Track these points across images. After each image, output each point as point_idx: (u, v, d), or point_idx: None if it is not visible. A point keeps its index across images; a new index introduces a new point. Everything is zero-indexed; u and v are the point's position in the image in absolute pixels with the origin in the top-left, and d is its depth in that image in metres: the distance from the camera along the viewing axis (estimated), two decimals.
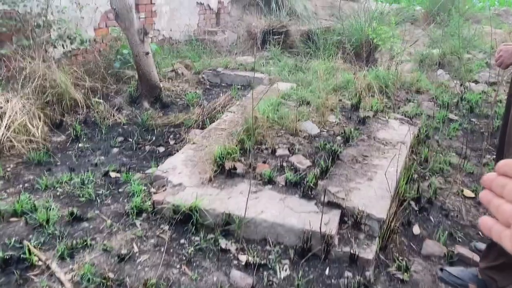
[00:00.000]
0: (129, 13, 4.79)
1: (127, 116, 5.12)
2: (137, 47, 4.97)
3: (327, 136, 4.20)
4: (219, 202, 2.98)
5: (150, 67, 5.14)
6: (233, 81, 6.74)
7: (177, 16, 8.54)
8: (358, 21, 8.49)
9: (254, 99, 5.19)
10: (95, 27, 6.71)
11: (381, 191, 3.23)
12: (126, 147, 4.50)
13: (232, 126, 4.30)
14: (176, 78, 6.55)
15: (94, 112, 5.07)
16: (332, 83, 6.28)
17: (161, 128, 4.85)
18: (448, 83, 7.17)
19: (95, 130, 4.79)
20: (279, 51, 8.05)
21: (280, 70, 7.21)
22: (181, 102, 5.59)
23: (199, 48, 8.42)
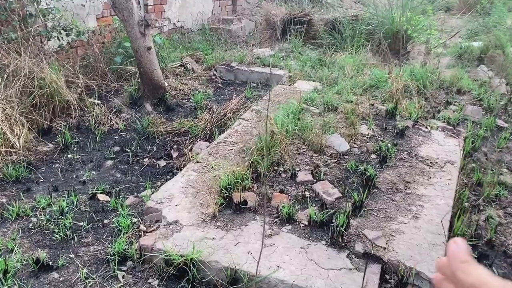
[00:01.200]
0: (128, 2, 4.12)
1: (126, 121, 4.48)
2: (137, 41, 4.31)
3: (359, 153, 3.48)
4: (223, 251, 2.31)
5: (152, 64, 4.47)
6: (249, 78, 6.03)
7: (190, 3, 7.83)
8: (389, 9, 7.62)
9: (272, 102, 4.49)
10: (98, 15, 6.06)
11: (432, 235, 2.52)
12: (122, 160, 3.87)
13: (244, 139, 3.62)
14: (184, 74, 5.87)
15: (89, 115, 4.44)
16: (361, 81, 5.52)
17: (163, 137, 4.19)
18: (491, 81, 6.31)
19: (88, 138, 4.17)
20: (301, 43, 7.27)
21: (302, 65, 6.45)
22: (188, 104, 4.92)
23: (213, 39, 7.71)
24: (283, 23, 7.67)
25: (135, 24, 4.22)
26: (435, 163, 3.39)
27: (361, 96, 5.19)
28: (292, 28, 7.54)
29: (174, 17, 7.54)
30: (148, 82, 4.57)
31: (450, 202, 2.89)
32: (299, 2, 9.45)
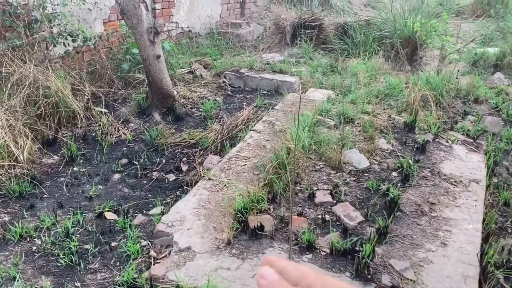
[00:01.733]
0: (137, 8, 3.96)
1: (134, 131, 4.33)
2: (146, 49, 4.15)
3: (379, 171, 3.30)
4: (239, 284, 2.15)
5: (161, 73, 4.32)
6: (258, 85, 5.86)
7: (198, 6, 7.67)
8: (402, 14, 7.44)
9: (284, 112, 4.33)
10: (105, 20, 5.92)
11: (463, 266, 2.35)
12: (130, 173, 3.72)
13: (257, 153, 3.45)
14: (193, 81, 5.72)
15: (95, 125, 4.30)
16: (375, 89, 5.35)
17: (173, 149, 4.03)
18: (508, 89, 6.11)
19: (95, 149, 4.02)
20: (311, 48, 7.10)
21: (313, 71, 6.29)
22: (197, 113, 4.76)
23: (221, 43, 7.55)
24: (293, 28, 7.50)
25: (144, 31, 4.06)
26: (459, 181, 3.21)
27: (376, 105, 5.02)
28: (302, 33, 7.37)
29: (182, 21, 7.39)
30: (157, 91, 4.42)
31: (479, 226, 2.72)
32: (309, 5, 9.28)
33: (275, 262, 0.51)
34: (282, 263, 0.51)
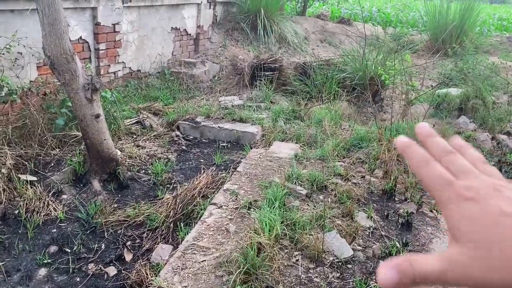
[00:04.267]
0: (70, 62, 3.31)
1: (67, 206, 3.60)
2: (82, 108, 3.49)
3: (365, 260, 2.79)
4: None
5: (101, 134, 3.65)
6: (217, 136, 5.29)
7: (148, 44, 7.07)
8: (362, 54, 7.19)
9: (248, 176, 3.77)
10: (39, 64, 5.18)
11: None
12: (60, 267, 2.99)
13: (218, 241, 2.85)
14: (142, 133, 5.06)
15: (19, 200, 3.53)
16: (342, 140, 4.93)
17: (115, 229, 3.34)
18: (475, 135, 5.91)
19: (17, 233, 3.26)
20: (272, 91, 6.65)
21: (275, 117, 5.82)
22: (146, 177, 4.10)
23: (174, 85, 6.95)
24: (251, 69, 7.05)
25: (79, 88, 3.41)
26: None
27: (344, 158, 4.59)
28: (261, 74, 6.93)
29: (130, 61, 6.74)
30: (96, 155, 3.73)
31: None
32: (266, 42, 8.92)
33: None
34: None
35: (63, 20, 3.24)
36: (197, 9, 8.13)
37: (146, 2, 6.65)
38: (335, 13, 14.46)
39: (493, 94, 7.13)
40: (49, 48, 3.27)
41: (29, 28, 4.94)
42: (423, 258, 0.41)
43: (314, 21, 11.07)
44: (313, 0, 12.31)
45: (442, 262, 0.40)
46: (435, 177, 0.43)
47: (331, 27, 11.19)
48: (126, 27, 6.43)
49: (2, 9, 4.65)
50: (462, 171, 0.43)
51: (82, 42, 5.82)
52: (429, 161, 0.44)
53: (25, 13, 4.87)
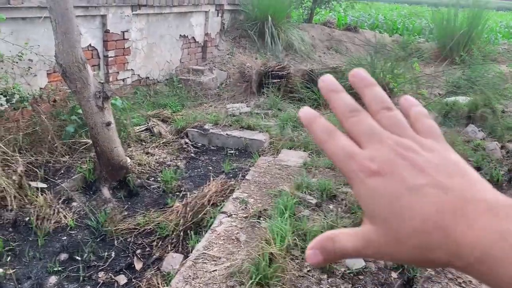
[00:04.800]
0: (82, 71, 3.33)
1: (77, 213, 3.61)
2: (93, 116, 3.51)
3: (376, 271, 2.77)
4: None
5: (112, 142, 3.67)
6: (225, 143, 5.30)
7: (157, 52, 7.11)
8: (371, 62, 7.20)
9: (257, 184, 3.77)
10: (49, 71, 5.23)
11: None
12: (70, 275, 2.99)
13: (229, 250, 2.84)
14: (151, 140, 5.08)
15: (30, 207, 3.54)
16: None
17: (124, 237, 3.35)
18: (484, 143, 5.88)
19: (27, 241, 3.27)
20: (279, 99, 6.66)
21: (282, 124, 5.82)
22: (155, 185, 4.11)
23: (182, 92, 6.98)
24: (259, 77, 7.07)
25: (91, 96, 3.43)
26: (469, 281, 2.73)
27: None
28: (269, 82, 6.94)
29: (139, 68, 6.79)
30: (107, 162, 3.75)
31: None
32: (273, 50, 8.95)
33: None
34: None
35: (76, 29, 3.27)
36: (205, 17, 8.17)
37: (155, 10, 6.70)
38: (342, 21, 14.50)
39: (502, 103, 7.11)
40: (62, 57, 3.30)
41: (39, 35, 4.99)
42: (344, 235, 0.40)
43: (321, 29, 11.09)
44: (319, 8, 12.34)
45: (358, 240, 0.39)
46: (338, 150, 0.40)
47: (337, 35, 11.21)
48: (135, 34, 6.47)
49: (14, 17, 4.70)
50: (394, 126, 0.41)
51: (92, 49, 5.86)
52: (332, 133, 0.41)
53: (36, 20, 4.92)
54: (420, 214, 0.36)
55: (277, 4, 9.02)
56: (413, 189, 0.37)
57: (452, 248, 0.35)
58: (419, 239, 0.36)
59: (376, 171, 0.38)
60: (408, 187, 0.37)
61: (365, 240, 0.39)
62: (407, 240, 0.37)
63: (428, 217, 0.36)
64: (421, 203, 0.36)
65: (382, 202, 0.38)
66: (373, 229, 0.38)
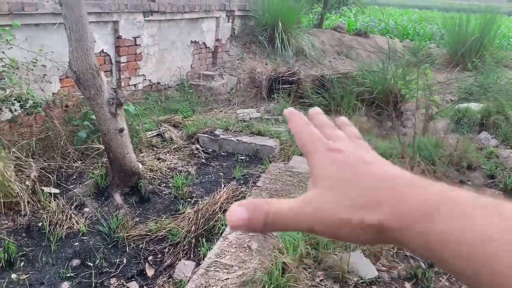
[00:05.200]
0: (96, 78, 3.36)
1: (89, 219, 3.63)
2: (106, 122, 3.53)
3: (390, 281, 2.74)
4: None
5: (124, 148, 3.69)
6: (235, 149, 5.30)
7: (168, 58, 7.15)
8: (382, 67, 7.17)
9: (269, 191, 3.76)
10: (61, 76, 5.28)
11: None
12: (82, 282, 3.00)
13: (241, 258, 2.83)
14: (162, 145, 5.09)
15: (43, 212, 3.57)
16: None
17: (136, 244, 3.35)
18: (498, 151, 5.81)
19: (41, 246, 3.29)
20: (289, 104, 6.66)
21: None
22: (167, 191, 4.11)
23: (193, 97, 7.01)
24: (269, 82, 7.08)
25: (104, 103, 3.45)
26: None
27: None
28: (279, 87, 6.94)
29: (150, 73, 6.83)
30: (119, 168, 3.76)
31: None
32: (283, 55, 8.96)
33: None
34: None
35: (90, 36, 3.30)
36: (216, 23, 8.21)
37: (167, 16, 6.75)
38: (352, 26, 14.47)
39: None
40: (76, 64, 3.32)
41: (53, 41, 5.04)
42: (281, 200, 0.42)
43: (331, 34, 11.08)
44: (329, 13, 12.33)
45: (296, 201, 0.41)
46: (308, 135, 0.47)
47: (348, 40, 11.19)
48: (147, 40, 6.52)
49: (28, 23, 4.76)
50: (336, 139, 0.47)
51: (104, 55, 5.91)
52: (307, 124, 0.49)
53: (50, 27, 4.98)
54: (378, 176, 0.40)
55: (287, 10, 9.04)
56: (370, 163, 0.42)
57: (395, 204, 0.37)
58: (366, 196, 0.39)
59: (338, 149, 0.44)
60: (365, 162, 0.42)
61: (305, 201, 0.41)
62: (351, 200, 0.39)
63: (385, 178, 0.40)
64: (380, 170, 0.41)
65: (335, 168, 0.42)
66: (317, 192, 0.41)
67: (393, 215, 0.37)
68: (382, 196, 0.38)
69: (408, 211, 0.37)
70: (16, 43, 4.31)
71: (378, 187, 0.39)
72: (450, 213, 0.35)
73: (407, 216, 0.37)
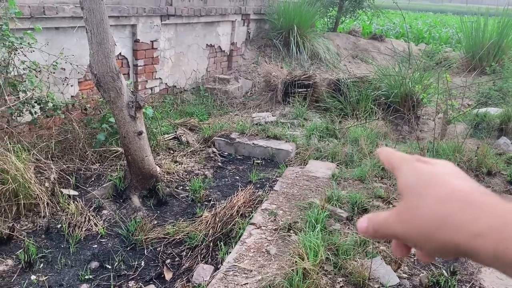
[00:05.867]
0: (116, 80, 3.38)
1: (108, 221, 3.64)
2: (126, 125, 3.55)
3: None
4: None
5: (143, 151, 3.70)
6: (251, 152, 5.29)
7: (184, 61, 7.19)
8: (398, 71, 7.10)
9: (286, 196, 3.73)
10: (80, 79, 5.33)
11: None
12: (101, 283, 3.01)
13: (260, 263, 2.81)
14: (179, 148, 5.11)
15: (62, 214, 3.60)
16: (379, 160, 4.85)
17: (154, 246, 3.36)
18: None
19: (60, 248, 3.32)
20: (305, 108, 6.63)
21: (309, 134, 5.78)
22: (184, 194, 4.12)
23: (208, 101, 7.02)
24: (284, 86, 7.06)
25: (124, 106, 3.47)
26: None
27: (382, 179, 4.51)
28: (295, 91, 6.92)
29: (166, 77, 6.86)
30: (137, 171, 3.78)
31: None
32: (298, 59, 8.93)
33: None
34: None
35: (111, 39, 3.33)
36: (231, 26, 8.23)
37: (184, 20, 6.78)
38: (366, 29, 14.39)
39: None
40: (96, 67, 3.35)
41: (72, 44, 5.10)
42: (382, 212, 0.48)
43: (346, 37, 11.03)
44: (344, 17, 12.27)
45: (390, 212, 0.47)
46: (398, 154, 0.52)
47: (363, 43, 11.12)
48: (163, 44, 6.56)
49: (48, 27, 4.82)
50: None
51: (122, 58, 5.96)
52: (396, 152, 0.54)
53: (69, 30, 5.04)
54: (452, 188, 0.43)
55: (303, 13, 9.02)
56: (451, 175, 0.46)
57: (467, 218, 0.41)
58: (441, 207, 0.42)
59: (426, 161, 0.48)
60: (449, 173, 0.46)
61: (393, 210, 0.46)
62: (429, 207, 0.43)
63: (459, 190, 0.43)
64: (455, 184, 0.44)
65: (422, 177, 0.45)
66: (402, 203, 0.46)
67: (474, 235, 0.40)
68: (455, 207, 0.42)
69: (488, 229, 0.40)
70: (37, 46, 4.37)
71: (450, 199, 0.42)
72: None
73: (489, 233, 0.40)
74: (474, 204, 0.41)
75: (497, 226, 0.39)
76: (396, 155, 0.52)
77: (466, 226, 0.40)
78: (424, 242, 0.43)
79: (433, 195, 0.43)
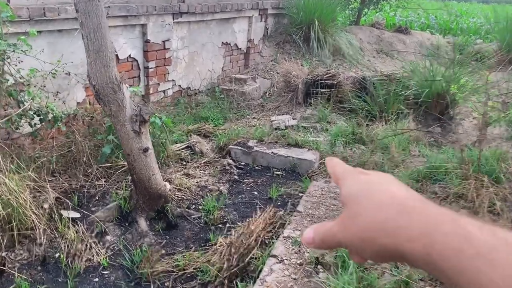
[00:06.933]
0: (117, 92, 2.97)
1: (111, 249, 3.26)
2: (129, 141, 3.14)
3: None
4: None
5: (149, 169, 3.29)
6: (271, 162, 4.84)
7: (198, 61, 6.76)
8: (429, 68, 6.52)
9: (311, 218, 3.28)
10: (86, 84, 4.96)
11: None
12: None
13: None
14: (191, 158, 4.70)
15: (60, 241, 3.23)
16: (414, 171, 4.37)
17: (162, 281, 2.95)
18: None
19: (57, 281, 2.95)
20: (329, 111, 6.13)
21: (333, 140, 5.30)
22: (196, 215, 3.70)
23: (224, 103, 6.59)
24: (305, 86, 6.57)
25: (126, 120, 3.06)
26: None
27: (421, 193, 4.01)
28: (317, 92, 6.43)
29: (180, 78, 6.46)
30: (144, 191, 3.38)
31: None
32: (319, 55, 8.40)
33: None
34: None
35: (110, 46, 2.91)
36: (248, 22, 7.76)
37: (197, 17, 6.35)
38: (390, 21, 13.70)
39: None
40: (94, 77, 2.95)
41: (76, 47, 4.73)
42: (328, 222, 0.51)
43: (369, 31, 10.43)
44: (367, 8, 11.64)
45: (335, 221, 0.50)
46: (343, 167, 0.56)
47: (387, 37, 10.51)
48: (176, 43, 6.14)
49: (50, 29, 4.46)
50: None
51: (131, 60, 5.57)
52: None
53: (73, 32, 4.66)
54: (391, 195, 0.47)
55: (324, 6, 8.47)
56: (391, 183, 0.49)
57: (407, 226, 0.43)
58: (381, 213, 0.45)
59: (367, 173, 0.53)
60: (387, 181, 0.50)
61: (339, 219, 0.49)
62: (370, 213, 0.46)
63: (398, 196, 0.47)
64: (394, 191, 0.48)
65: (363, 186, 0.49)
66: (345, 211, 0.49)
67: (407, 239, 0.42)
68: (394, 218, 0.44)
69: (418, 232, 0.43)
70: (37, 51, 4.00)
71: (388, 205, 0.45)
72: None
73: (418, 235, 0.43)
74: (408, 210, 0.44)
75: (426, 231, 0.41)
76: (341, 167, 0.55)
77: (401, 231, 0.43)
78: (365, 247, 0.45)
79: (374, 201, 0.46)
